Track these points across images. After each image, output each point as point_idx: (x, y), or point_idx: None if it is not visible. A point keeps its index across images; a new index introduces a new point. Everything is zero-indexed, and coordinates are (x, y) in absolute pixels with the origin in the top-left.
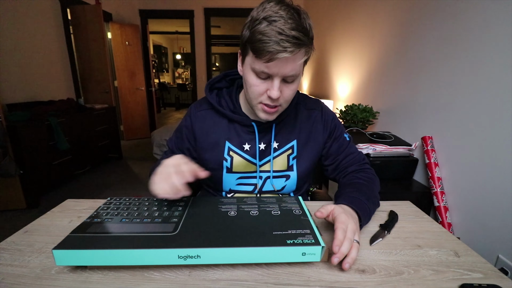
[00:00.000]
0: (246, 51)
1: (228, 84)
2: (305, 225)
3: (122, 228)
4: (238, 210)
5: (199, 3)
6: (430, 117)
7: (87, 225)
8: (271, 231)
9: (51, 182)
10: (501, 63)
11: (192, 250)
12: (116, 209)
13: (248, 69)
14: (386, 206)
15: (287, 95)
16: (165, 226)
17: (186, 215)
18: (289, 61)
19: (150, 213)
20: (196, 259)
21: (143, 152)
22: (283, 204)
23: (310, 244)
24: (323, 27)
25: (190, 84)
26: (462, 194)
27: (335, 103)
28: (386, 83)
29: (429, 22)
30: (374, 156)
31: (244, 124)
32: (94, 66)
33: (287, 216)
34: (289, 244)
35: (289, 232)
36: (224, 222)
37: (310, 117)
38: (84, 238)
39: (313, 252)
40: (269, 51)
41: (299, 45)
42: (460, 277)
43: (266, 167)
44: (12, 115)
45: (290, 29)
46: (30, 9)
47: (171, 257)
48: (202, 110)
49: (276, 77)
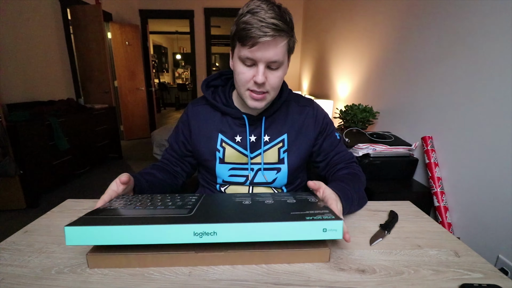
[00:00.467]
0: (234, 44)
1: (223, 83)
2: (322, 208)
3: (136, 212)
4: (253, 200)
5: (199, 3)
6: (430, 117)
7: (100, 211)
8: (289, 212)
9: (51, 182)
10: (501, 63)
11: (209, 225)
12: (129, 200)
13: (236, 59)
14: (386, 206)
15: (273, 82)
16: (180, 211)
17: (201, 203)
18: (271, 46)
19: (164, 202)
20: (213, 236)
21: (143, 152)
22: (298, 195)
23: (330, 219)
24: (323, 27)
25: (190, 84)
26: (462, 194)
27: (335, 103)
28: (386, 83)
29: (429, 22)
30: (374, 156)
31: (235, 116)
32: (94, 66)
33: (303, 202)
34: (308, 220)
35: (307, 212)
36: (240, 207)
37: (302, 112)
38: (97, 219)
39: (334, 228)
40: (251, 36)
41: (278, 31)
42: (460, 277)
43: (257, 160)
44: (12, 115)
45: (270, 18)
46: (30, 9)
47: (186, 233)
48: (198, 106)
49: (260, 62)
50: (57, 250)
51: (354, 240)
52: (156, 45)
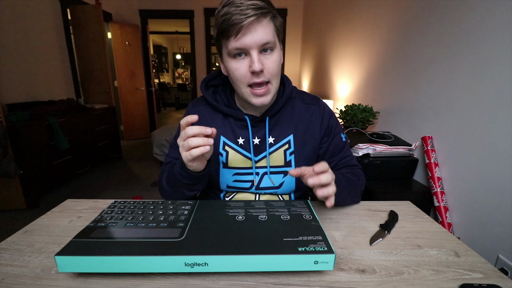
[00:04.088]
0: (219, 43)
1: (223, 82)
2: (316, 231)
3: (126, 233)
4: (246, 215)
5: (199, 3)
6: (430, 117)
7: (90, 230)
8: (281, 238)
9: (51, 182)
10: (501, 63)
11: (200, 257)
12: (121, 213)
13: (226, 57)
14: (386, 206)
15: (271, 68)
16: (171, 231)
17: (193, 219)
18: (257, 27)
19: (156, 217)
20: (204, 267)
21: (143, 152)
22: (292, 209)
23: (322, 252)
24: (323, 27)
25: (190, 84)
26: (462, 194)
27: (335, 103)
28: (386, 83)
29: (429, 22)
30: (374, 156)
31: (237, 118)
32: (94, 66)
33: (297, 221)
34: (300, 252)
35: (300, 238)
36: (232, 227)
37: (308, 111)
38: (88, 244)
39: (326, 261)
40: (233, 24)
41: (258, 9)
42: (460, 277)
43: (262, 163)
44: (12, 115)
45: (246, 1)
46: (30, 9)
47: (177, 264)
48: (199, 106)
49: (251, 49)
50: (57, 250)
51: (354, 240)
52: (156, 45)
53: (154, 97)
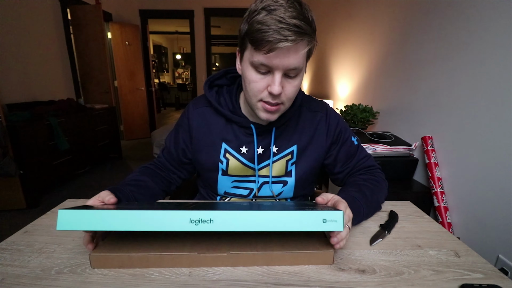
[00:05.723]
0: (244, 45)
1: (229, 82)
2: (321, 207)
3: (132, 206)
4: (251, 204)
5: (199, 3)
6: (430, 117)
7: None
8: (287, 209)
9: (51, 182)
10: (501, 63)
11: (205, 212)
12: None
13: (247, 64)
14: (386, 206)
15: (289, 92)
16: (178, 205)
17: (199, 204)
18: (291, 52)
19: (161, 205)
20: (209, 224)
21: (143, 152)
22: (298, 202)
23: (330, 209)
24: (323, 27)
25: (190, 84)
26: (462, 194)
27: (335, 103)
28: (386, 83)
29: (429, 22)
30: (374, 156)
31: (242, 125)
32: (94, 66)
33: (301, 205)
34: (309, 209)
35: (307, 206)
36: (240, 205)
37: (314, 120)
38: (92, 207)
39: (334, 219)
40: (268, 40)
41: (301, 34)
42: (460, 277)
43: (263, 172)
44: (12, 115)
45: (290, 18)
46: (30, 9)
47: (182, 220)
48: (200, 108)
49: (277, 70)
50: (57, 250)
51: (354, 240)
52: (156, 45)
53: (154, 97)
